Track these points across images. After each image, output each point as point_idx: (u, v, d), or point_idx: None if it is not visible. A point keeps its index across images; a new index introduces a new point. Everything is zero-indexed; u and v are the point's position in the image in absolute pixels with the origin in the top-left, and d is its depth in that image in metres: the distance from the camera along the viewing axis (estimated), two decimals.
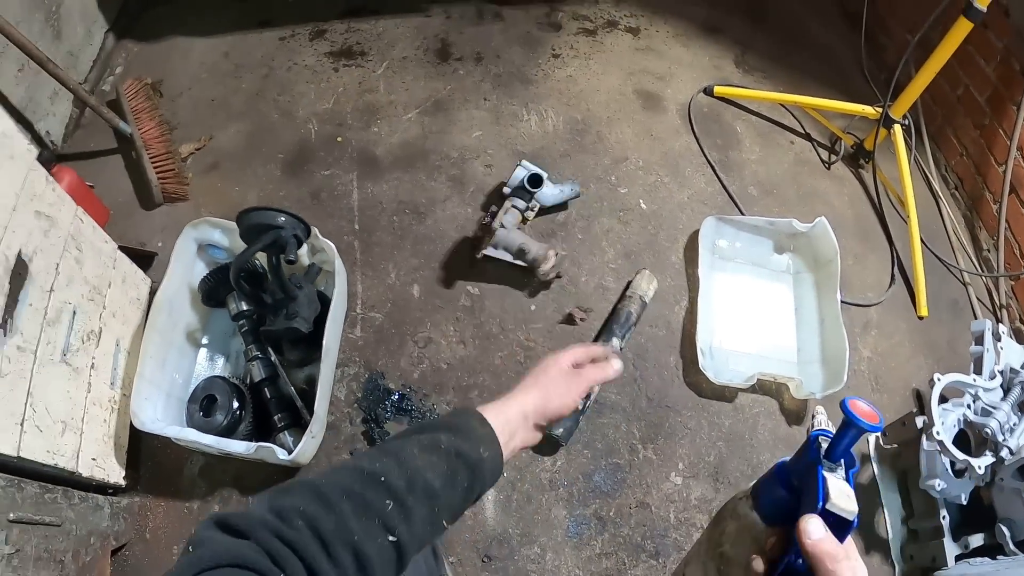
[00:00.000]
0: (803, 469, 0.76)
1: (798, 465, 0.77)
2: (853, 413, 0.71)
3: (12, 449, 1.45)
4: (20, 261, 1.51)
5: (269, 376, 1.95)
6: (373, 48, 3.00)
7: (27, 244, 1.54)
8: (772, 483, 0.79)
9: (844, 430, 0.73)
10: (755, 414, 2.11)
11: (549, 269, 2.16)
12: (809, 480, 0.74)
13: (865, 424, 0.70)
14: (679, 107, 2.82)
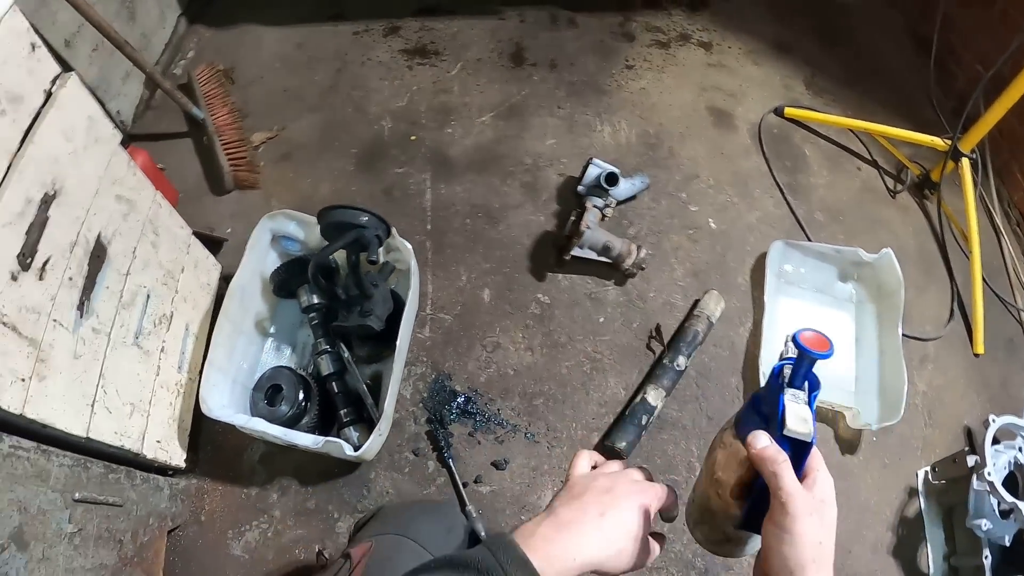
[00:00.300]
0: (772, 397, 0.81)
1: (767, 393, 0.83)
2: (803, 344, 0.76)
3: (82, 430, 1.41)
4: (99, 244, 1.47)
5: (337, 371, 1.91)
6: (447, 48, 2.94)
7: (107, 227, 1.50)
8: (749, 412, 0.85)
9: (799, 360, 0.79)
10: None
11: (632, 264, 2.15)
12: (773, 404, 0.80)
13: (815, 353, 0.76)
14: (750, 126, 2.73)
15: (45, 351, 1.33)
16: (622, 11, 3.09)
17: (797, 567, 0.71)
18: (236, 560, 1.85)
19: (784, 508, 0.72)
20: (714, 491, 0.87)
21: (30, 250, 1.28)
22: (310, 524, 1.89)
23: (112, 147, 1.55)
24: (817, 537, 0.72)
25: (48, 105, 1.34)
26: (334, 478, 1.93)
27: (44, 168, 1.32)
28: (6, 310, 1.22)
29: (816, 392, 0.83)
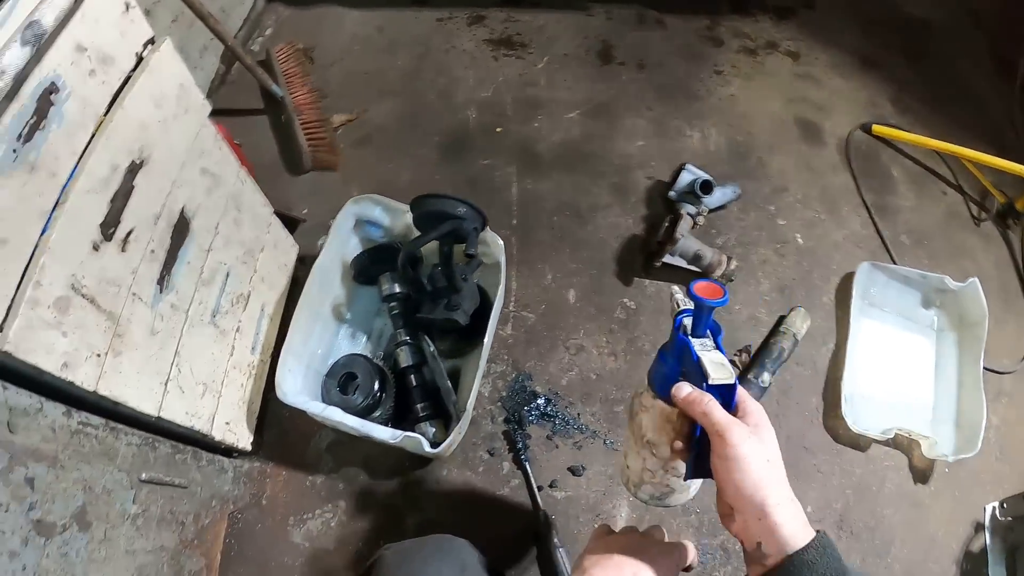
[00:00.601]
0: (679, 350, 0.86)
1: (674, 347, 0.87)
2: (697, 295, 0.82)
3: (154, 409, 1.33)
4: (183, 218, 1.39)
5: (416, 363, 1.81)
6: (534, 41, 2.81)
7: (191, 201, 1.42)
8: (660, 369, 0.89)
9: (698, 310, 0.84)
10: (885, 467, 1.91)
11: (721, 275, 2.04)
12: (687, 359, 0.84)
13: (710, 302, 0.81)
14: (838, 141, 2.57)
15: (123, 326, 1.24)
16: (709, 14, 2.94)
17: (753, 487, 0.73)
18: (295, 547, 1.76)
19: (723, 439, 0.75)
20: (648, 452, 0.91)
21: (113, 220, 1.20)
22: (376, 518, 1.80)
23: (201, 118, 1.46)
24: (763, 455, 0.76)
25: (139, 70, 1.25)
26: (404, 472, 1.85)
27: (132, 135, 1.23)
28: (85, 282, 1.14)
29: (720, 335, 0.88)
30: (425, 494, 1.84)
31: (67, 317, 1.12)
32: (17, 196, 1.03)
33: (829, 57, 2.86)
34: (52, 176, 1.10)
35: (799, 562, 0.70)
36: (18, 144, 1.02)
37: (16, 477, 1.05)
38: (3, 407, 1.04)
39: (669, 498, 0.96)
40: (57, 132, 1.10)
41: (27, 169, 1.05)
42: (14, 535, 1.03)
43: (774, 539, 0.72)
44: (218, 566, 1.73)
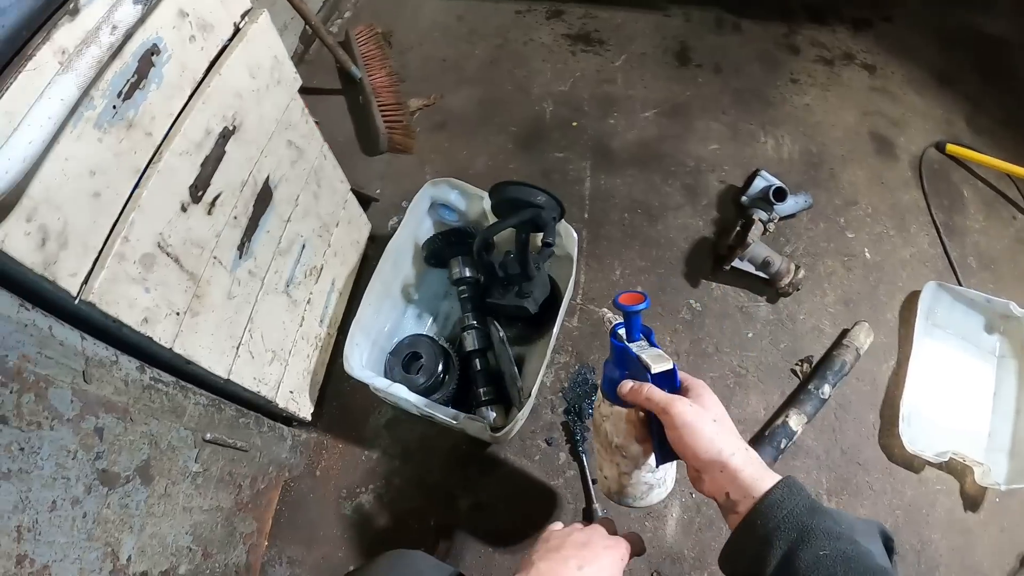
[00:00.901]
0: (620, 355, 0.92)
1: (616, 356, 0.94)
2: (622, 304, 0.89)
3: (224, 371, 1.32)
4: (266, 187, 1.38)
5: (482, 347, 1.78)
6: (612, 39, 2.75)
7: (275, 171, 1.41)
8: (610, 378, 0.94)
9: (626, 318, 0.91)
10: (936, 491, 1.82)
11: (789, 283, 1.98)
12: (629, 361, 0.91)
13: (634, 308, 0.87)
14: (911, 158, 2.47)
15: (202, 288, 1.23)
16: (786, 22, 2.86)
17: (707, 445, 0.79)
18: (345, 520, 1.74)
19: (669, 414, 0.81)
20: (619, 456, 0.96)
21: (203, 183, 1.19)
22: (429, 498, 1.77)
23: (292, 91, 1.45)
24: (707, 417, 0.82)
25: (236, 39, 1.24)
26: (460, 455, 1.82)
27: (227, 102, 1.22)
28: (171, 241, 1.13)
29: (652, 335, 0.95)
30: (479, 478, 1.80)
31: (151, 274, 1.11)
32: (113, 151, 1.02)
33: (905, 72, 2.77)
34: (148, 135, 1.09)
35: (769, 502, 0.73)
36: (118, 101, 1.01)
37: (87, 426, 1.04)
38: (80, 357, 1.03)
39: (650, 495, 1.02)
40: (155, 93, 1.09)
41: (125, 126, 1.04)
42: (78, 482, 1.03)
43: (737, 484, 0.77)
44: (268, 531, 1.72)
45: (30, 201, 0.89)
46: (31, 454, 0.94)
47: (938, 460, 1.81)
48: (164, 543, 1.27)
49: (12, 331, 0.90)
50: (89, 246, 1.00)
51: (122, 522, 1.14)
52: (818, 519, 0.72)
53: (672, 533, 1.74)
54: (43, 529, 0.96)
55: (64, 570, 1.01)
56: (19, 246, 0.88)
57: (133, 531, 1.17)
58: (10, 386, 0.89)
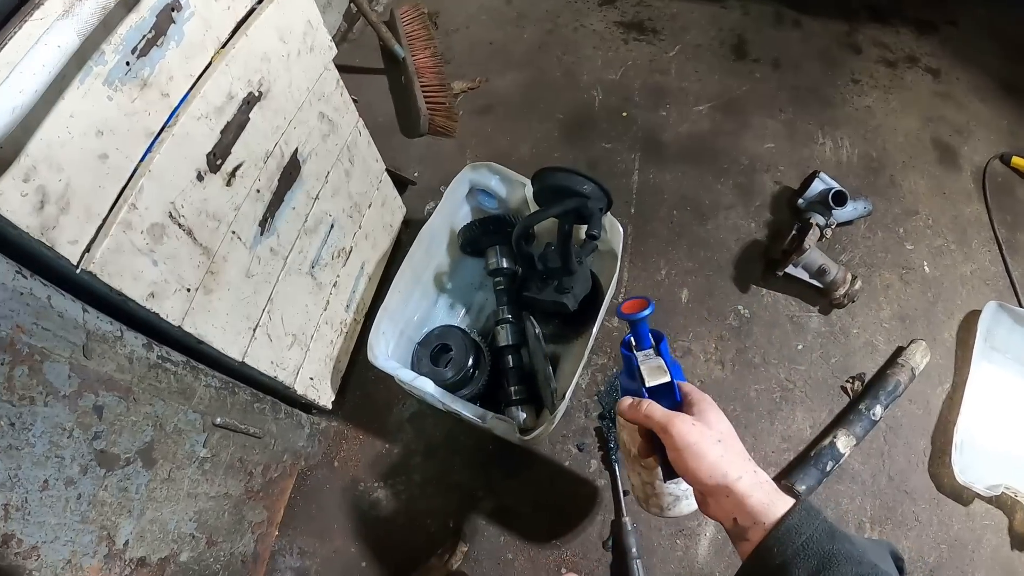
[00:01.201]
0: (629, 366, 0.91)
1: (627, 367, 0.92)
2: (624, 313, 0.89)
3: (239, 353, 1.26)
4: (294, 160, 1.31)
5: (516, 343, 1.69)
6: (666, 28, 2.66)
7: (305, 144, 1.34)
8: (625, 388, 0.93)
9: (631, 326, 0.90)
10: (984, 526, 1.72)
11: (844, 294, 1.89)
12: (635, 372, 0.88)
13: (637, 315, 0.87)
14: (974, 169, 2.34)
15: (217, 263, 1.16)
16: (848, 20, 2.74)
17: (710, 468, 0.74)
18: (362, 514, 1.67)
19: (669, 434, 0.77)
20: (639, 465, 0.94)
21: (223, 152, 1.11)
22: (450, 497, 1.70)
23: (326, 60, 1.37)
24: (712, 438, 0.76)
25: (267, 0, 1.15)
26: (486, 454, 1.74)
27: (253, 65, 1.15)
28: (184, 211, 1.05)
29: (663, 342, 0.90)
30: (504, 481, 1.73)
31: (160, 246, 1.03)
32: (125, 111, 0.94)
33: (970, 78, 2.63)
34: (164, 96, 1.01)
35: (786, 528, 0.69)
36: (132, 57, 0.94)
37: (84, 404, 0.98)
38: (80, 330, 0.96)
39: (678, 506, 0.98)
40: (174, 51, 1.01)
41: (138, 85, 0.96)
42: (73, 462, 0.97)
43: (746, 511, 0.72)
44: (279, 520, 1.66)
45: (28, 159, 0.82)
46: (22, 430, 0.88)
47: (989, 493, 1.69)
48: (165, 529, 1.21)
49: (6, 298, 0.83)
50: (93, 212, 0.92)
51: (120, 505, 1.08)
52: (838, 544, 0.68)
53: (704, 553, 1.65)
54: (33, 509, 0.91)
55: (55, 552, 0.96)
56: (14, 207, 0.81)
57: (132, 515, 1.11)
58: (1, 357, 0.83)
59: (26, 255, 0.88)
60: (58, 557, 0.96)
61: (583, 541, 1.64)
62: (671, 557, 1.63)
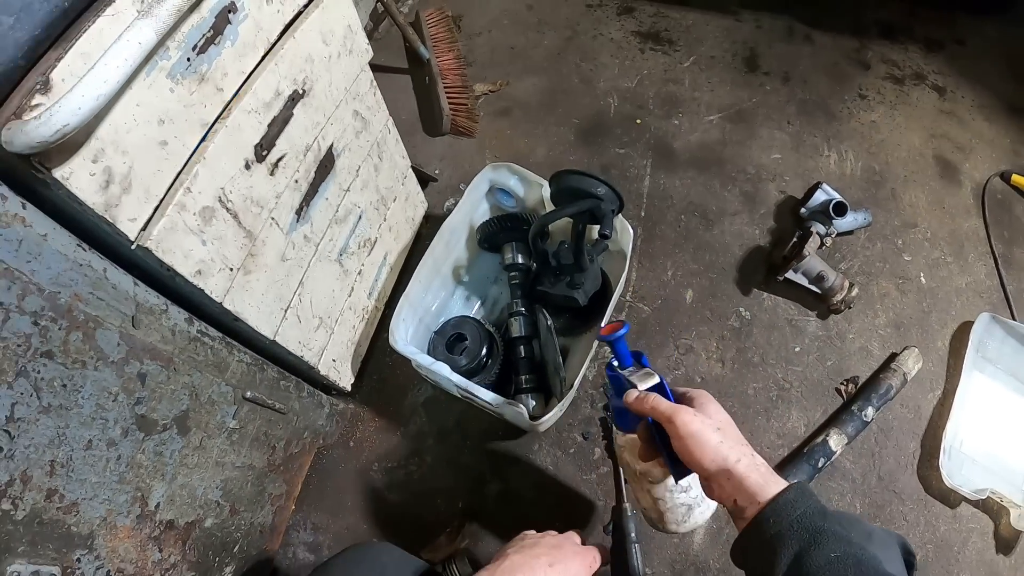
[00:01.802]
0: (615, 383, 0.93)
1: (615, 387, 0.93)
2: (602, 335, 0.92)
3: (271, 332, 1.32)
4: (329, 154, 1.37)
5: (527, 335, 1.74)
6: (681, 39, 2.70)
7: (339, 140, 1.40)
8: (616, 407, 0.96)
9: (611, 347, 0.93)
10: (969, 529, 1.76)
11: (841, 300, 1.93)
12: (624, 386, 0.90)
13: (613, 336, 0.91)
14: (974, 185, 2.39)
15: (257, 247, 1.22)
16: (858, 36, 2.77)
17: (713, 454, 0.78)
18: (374, 493, 1.73)
19: (673, 424, 0.80)
20: (646, 482, 0.96)
21: (268, 143, 1.17)
22: (459, 479, 1.75)
23: (362, 62, 1.43)
24: (712, 426, 0.80)
25: (313, 5, 1.24)
26: (496, 440, 1.79)
27: (298, 65, 1.21)
28: (232, 197, 1.11)
29: (644, 358, 0.96)
30: (511, 465, 1.78)
31: (209, 227, 1.10)
32: (184, 103, 1.01)
33: (975, 97, 2.67)
34: (218, 91, 1.08)
35: (781, 503, 0.73)
36: (193, 54, 1.01)
37: (130, 370, 1.04)
38: (131, 302, 1.03)
39: (691, 517, 0.99)
40: (230, 50, 1.08)
41: (197, 79, 1.03)
42: (116, 425, 1.03)
43: (744, 491, 0.76)
44: (297, 495, 1.71)
45: (98, 142, 0.88)
46: (73, 391, 0.93)
47: (975, 497, 1.74)
48: (194, 494, 1.27)
49: (67, 268, 0.90)
50: (151, 193, 0.99)
51: (155, 469, 1.14)
52: (829, 522, 0.71)
53: (699, 542, 1.70)
54: (76, 466, 0.96)
55: (92, 509, 1.01)
56: (83, 185, 0.87)
57: (164, 479, 1.17)
58: (60, 322, 0.89)
59: (85, 229, 0.95)
60: (95, 514, 1.01)
61: (584, 525, 1.70)
62: (668, 543, 1.68)
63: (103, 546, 1.05)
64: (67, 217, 0.92)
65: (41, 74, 0.82)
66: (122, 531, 1.09)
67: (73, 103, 0.76)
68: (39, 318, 0.86)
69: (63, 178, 0.84)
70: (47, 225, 0.87)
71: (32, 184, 0.87)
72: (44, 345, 0.87)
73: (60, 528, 0.95)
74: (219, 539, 1.38)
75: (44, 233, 0.86)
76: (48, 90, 0.81)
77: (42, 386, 0.88)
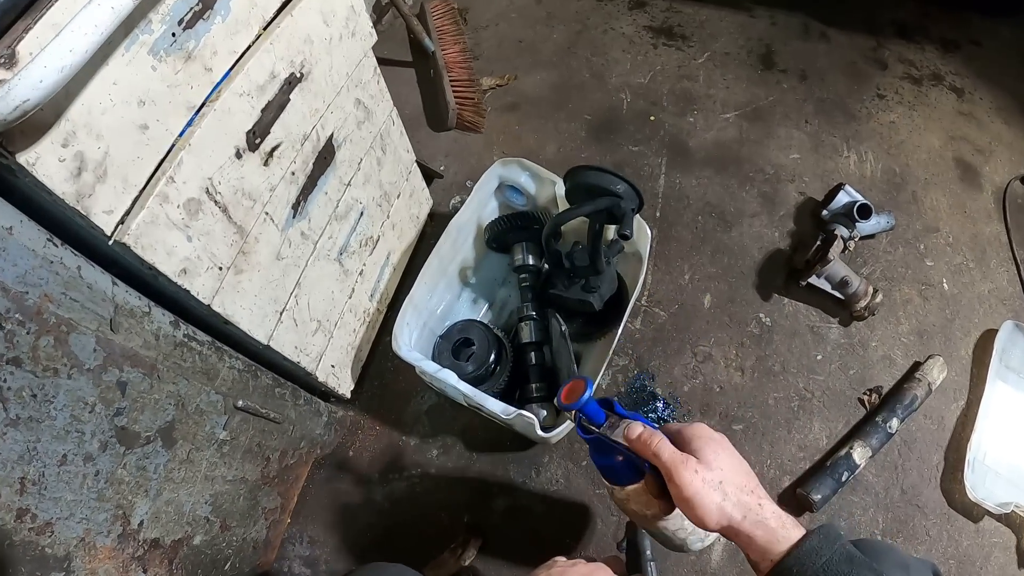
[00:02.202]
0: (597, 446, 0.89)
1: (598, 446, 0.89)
2: (565, 404, 0.85)
3: (264, 336, 1.23)
4: (329, 145, 1.28)
5: (538, 340, 1.65)
6: (695, 35, 2.62)
7: (340, 130, 1.31)
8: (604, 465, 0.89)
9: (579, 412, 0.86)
10: (992, 543, 1.68)
11: (865, 306, 1.86)
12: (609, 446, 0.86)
13: (572, 405, 0.84)
14: (995, 189, 2.31)
15: (249, 244, 1.12)
16: (874, 35, 2.70)
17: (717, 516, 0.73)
18: (375, 505, 1.63)
19: (673, 483, 0.76)
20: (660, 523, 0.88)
21: (262, 131, 1.08)
22: (465, 492, 1.66)
23: (366, 47, 1.34)
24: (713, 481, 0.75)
25: None
26: (503, 451, 1.70)
27: (296, 46, 1.12)
28: (221, 188, 1.02)
29: (616, 403, 0.90)
30: (520, 478, 1.68)
31: (195, 221, 1.00)
32: (168, 83, 0.91)
33: (993, 99, 2.59)
34: (207, 71, 0.98)
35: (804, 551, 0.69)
36: (178, 29, 0.91)
37: (109, 378, 0.93)
38: (109, 303, 0.92)
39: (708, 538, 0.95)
40: (220, 26, 0.98)
41: (183, 57, 0.93)
42: (94, 438, 0.93)
43: (753, 548, 0.72)
44: (292, 507, 1.62)
45: (68, 124, 0.78)
46: (44, 402, 0.84)
47: (999, 511, 1.66)
48: (181, 511, 1.18)
49: (36, 266, 0.80)
50: (130, 182, 0.89)
51: (137, 485, 1.04)
52: (857, 567, 0.67)
53: (717, 559, 1.61)
54: (50, 484, 0.87)
55: (68, 529, 0.92)
56: (51, 172, 0.78)
57: (148, 495, 1.07)
58: (28, 326, 0.79)
59: (57, 222, 0.85)
60: (72, 534, 0.93)
61: (598, 541, 1.61)
62: (684, 561, 1.60)
63: (82, 568, 0.96)
64: (36, 209, 0.82)
65: (7, 47, 0.72)
66: (102, 551, 1.00)
67: (34, 76, 0.66)
68: (4, 321, 0.76)
69: (28, 164, 0.75)
70: (13, 217, 0.77)
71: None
72: (10, 351, 0.78)
73: (33, 550, 0.87)
74: (209, 556, 1.29)
75: (9, 226, 0.76)
76: (13, 64, 0.71)
77: (9, 396, 0.79)
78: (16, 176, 0.77)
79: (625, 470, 0.86)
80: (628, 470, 0.85)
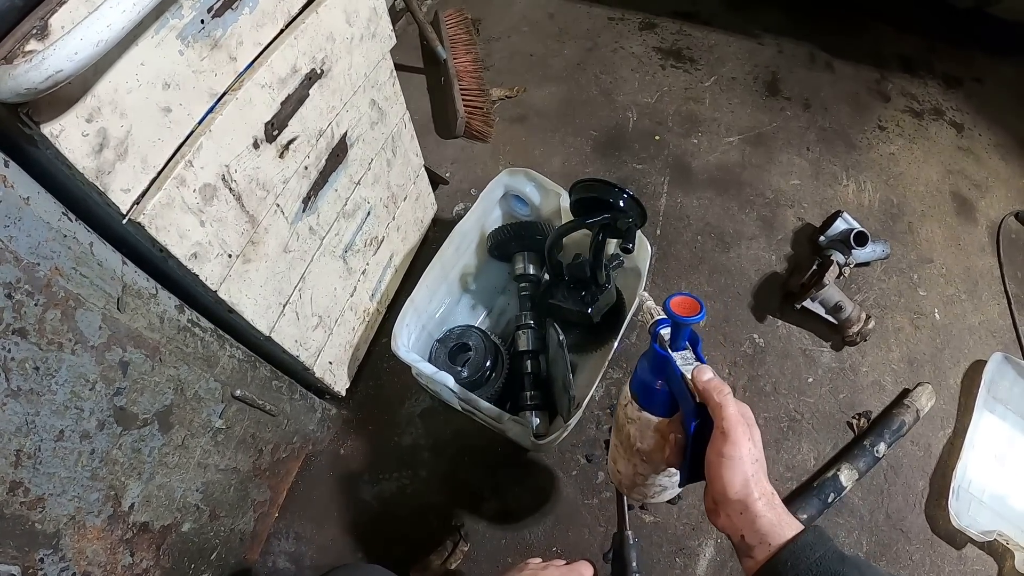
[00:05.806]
0: (660, 365, 0.81)
1: (655, 360, 0.83)
2: (674, 312, 0.77)
3: (266, 327, 1.22)
4: (343, 143, 1.29)
5: (535, 349, 1.65)
6: (703, 59, 2.65)
7: (354, 129, 1.32)
8: (644, 382, 0.84)
9: (674, 327, 0.80)
10: (974, 571, 1.68)
11: (857, 332, 1.87)
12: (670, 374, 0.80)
13: (686, 319, 0.77)
14: (990, 224, 2.33)
15: (259, 234, 1.13)
16: (879, 68, 2.73)
17: (741, 484, 0.73)
18: (364, 505, 1.62)
19: (728, 438, 0.73)
20: (639, 459, 0.88)
21: (280, 123, 1.08)
22: (455, 495, 1.65)
23: (384, 49, 1.36)
24: (753, 455, 0.74)
25: None
26: (495, 456, 1.70)
27: (318, 43, 1.13)
28: (237, 176, 1.02)
29: (699, 345, 0.83)
30: (510, 484, 1.68)
31: (210, 207, 1.00)
32: (193, 68, 0.92)
33: (992, 136, 2.62)
34: (231, 60, 0.99)
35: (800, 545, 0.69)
36: (207, 16, 0.92)
37: (111, 357, 0.93)
38: (117, 282, 0.92)
39: (662, 495, 0.95)
40: (247, 17, 0.99)
41: (209, 44, 0.94)
42: (92, 416, 0.92)
43: (755, 529, 0.72)
44: (281, 502, 1.61)
45: (94, 100, 0.78)
46: (46, 376, 0.83)
47: (982, 539, 1.68)
48: (172, 496, 1.17)
49: (49, 239, 0.79)
50: (149, 163, 0.89)
51: (131, 467, 1.03)
52: (848, 568, 0.67)
53: (703, 573, 1.61)
54: (45, 458, 0.86)
55: (60, 506, 0.91)
56: (74, 145, 0.78)
57: (141, 478, 1.07)
58: (36, 298, 0.79)
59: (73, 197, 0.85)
60: (63, 512, 0.92)
61: (584, 551, 1.60)
62: (670, 574, 1.60)
63: (70, 546, 0.95)
64: (54, 182, 0.82)
65: (39, 19, 0.72)
66: (91, 531, 0.99)
67: (70, 47, 0.67)
68: (13, 291, 0.76)
69: (52, 135, 0.75)
70: (31, 188, 0.77)
71: (18, 140, 0.77)
72: (17, 322, 0.77)
73: (23, 524, 0.86)
74: (196, 545, 1.28)
75: (27, 196, 0.76)
76: (45, 36, 0.72)
77: (12, 367, 0.78)
78: (38, 147, 0.78)
79: (661, 399, 0.83)
80: (663, 401, 0.83)
